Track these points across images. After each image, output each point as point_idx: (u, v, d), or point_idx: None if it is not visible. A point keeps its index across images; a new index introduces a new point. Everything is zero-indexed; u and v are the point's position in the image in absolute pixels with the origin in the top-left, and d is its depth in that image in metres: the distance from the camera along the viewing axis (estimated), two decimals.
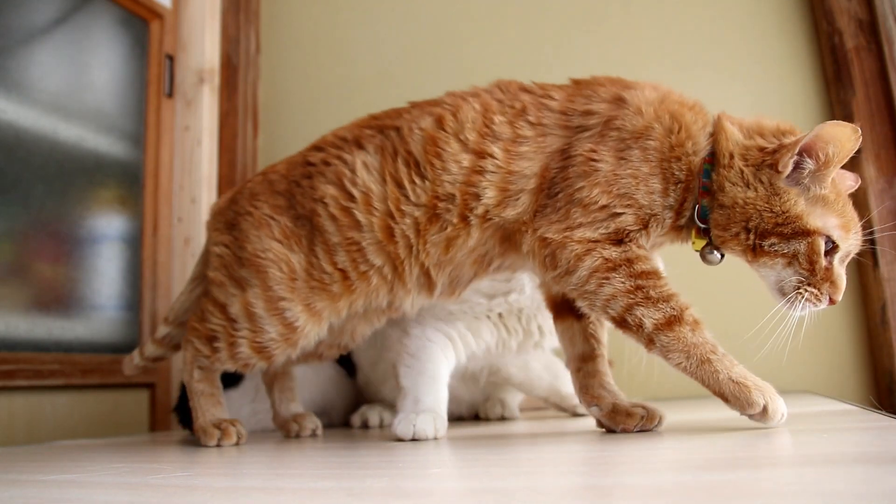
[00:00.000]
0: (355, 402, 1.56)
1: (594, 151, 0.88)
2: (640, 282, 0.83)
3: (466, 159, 0.95)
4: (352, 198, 1.01)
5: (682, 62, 1.91)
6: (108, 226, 1.82)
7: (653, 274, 0.84)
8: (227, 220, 1.14)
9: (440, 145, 0.97)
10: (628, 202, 0.86)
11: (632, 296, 0.82)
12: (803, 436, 0.76)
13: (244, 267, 1.07)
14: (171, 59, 2.03)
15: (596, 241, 0.86)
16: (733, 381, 0.78)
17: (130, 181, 1.89)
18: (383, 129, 1.04)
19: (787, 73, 1.84)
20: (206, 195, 1.99)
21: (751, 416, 0.80)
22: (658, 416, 0.90)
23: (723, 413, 1.02)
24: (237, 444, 1.07)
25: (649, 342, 0.82)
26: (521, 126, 0.94)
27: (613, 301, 0.83)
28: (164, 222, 1.95)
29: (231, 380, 1.39)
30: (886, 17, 1.70)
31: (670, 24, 1.93)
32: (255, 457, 0.95)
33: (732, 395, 0.78)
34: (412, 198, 0.97)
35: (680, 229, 0.91)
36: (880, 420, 0.87)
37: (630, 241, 0.86)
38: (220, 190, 2.08)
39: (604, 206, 0.86)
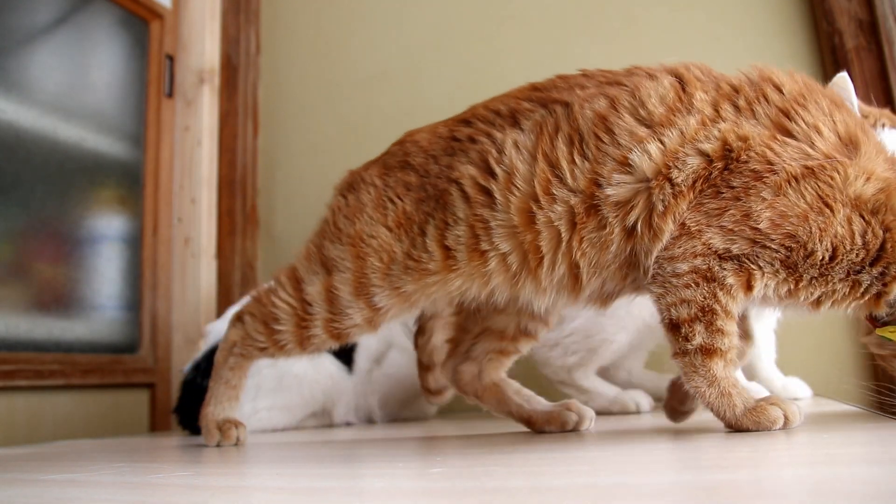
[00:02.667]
0: (356, 400, 1.55)
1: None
2: (716, 307, 0.78)
3: (643, 131, 0.84)
4: (492, 175, 0.90)
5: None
6: (108, 226, 1.82)
7: (730, 314, 0.79)
8: (350, 183, 1.05)
9: (610, 121, 0.85)
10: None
11: (701, 312, 0.78)
12: (804, 436, 0.76)
13: (342, 244, 0.97)
14: (171, 59, 2.03)
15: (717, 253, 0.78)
16: (749, 409, 0.76)
17: (130, 181, 1.89)
18: (547, 104, 0.91)
19: None
20: (206, 195, 1.99)
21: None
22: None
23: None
24: (235, 444, 1.06)
25: (683, 354, 0.79)
26: (725, 108, 0.83)
27: (684, 305, 0.79)
28: (164, 222, 1.95)
29: None
30: (886, 17, 1.70)
31: (670, 23, 1.93)
32: (256, 456, 0.95)
33: (753, 424, 0.76)
34: (568, 181, 0.85)
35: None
36: (881, 421, 0.87)
37: (750, 277, 0.78)
38: (220, 190, 2.08)
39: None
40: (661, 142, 0.81)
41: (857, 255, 0.75)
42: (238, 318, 1.05)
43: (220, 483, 0.68)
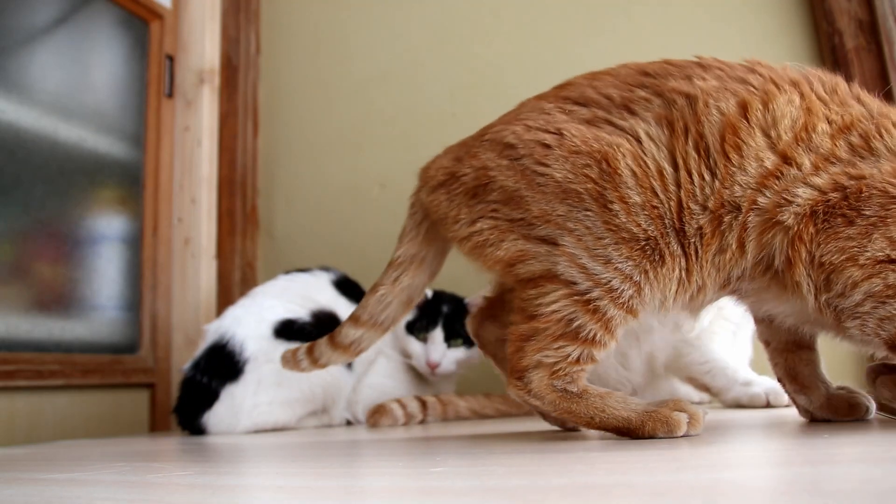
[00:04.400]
0: (355, 398, 1.55)
1: None
2: None
3: (770, 160, 0.77)
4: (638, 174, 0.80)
5: None
6: (108, 226, 1.82)
7: None
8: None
9: (741, 136, 0.78)
10: None
11: None
12: (803, 436, 0.76)
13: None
14: (171, 59, 2.03)
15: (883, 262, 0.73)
16: None
17: (130, 181, 1.90)
18: (663, 94, 0.83)
19: None
20: (206, 195, 1.99)
21: None
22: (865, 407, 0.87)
23: (722, 413, 1.02)
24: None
25: None
26: (840, 146, 0.77)
27: (886, 322, 0.74)
28: (164, 222, 1.95)
29: (231, 374, 1.39)
30: (886, 17, 1.70)
31: (670, 24, 1.93)
32: (256, 456, 0.95)
33: None
34: (699, 197, 0.79)
35: None
36: (880, 420, 0.87)
37: None
38: (220, 190, 2.08)
39: None
40: (784, 178, 0.77)
41: None
42: (522, 371, 0.84)
43: (220, 482, 0.68)
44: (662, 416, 0.77)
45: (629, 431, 0.78)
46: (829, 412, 0.88)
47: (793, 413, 1.00)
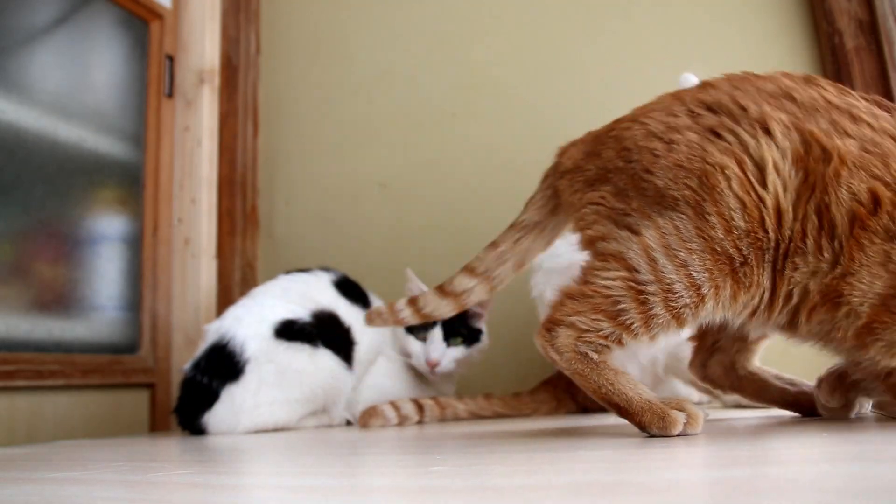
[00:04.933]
0: (355, 398, 1.54)
1: None
2: None
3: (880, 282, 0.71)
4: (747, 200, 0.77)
5: (681, 63, 1.91)
6: (108, 226, 1.82)
7: None
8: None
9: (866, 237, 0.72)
10: None
11: None
12: (803, 436, 0.76)
13: None
14: (171, 59, 2.03)
15: None
16: None
17: (130, 182, 1.90)
18: (803, 132, 0.77)
19: None
20: (206, 195, 1.99)
21: None
22: None
23: (722, 412, 1.02)
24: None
25: None
26: None
27: None
28: (164, 223, 1.95)
29: (231, 374, 1.39)
30: (886, 17, 1.70)
31: (670, 24, 1.93)
32: (256, 455, 0.95)
33: None
34: (811, 263, 0.76)
35: None
36: (879, 420, 0.87)
37: None
38: (220, 190, 2.08)
39: None
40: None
41: None
42: (555, 323, 0.86)
43: (220, 481, 0.68)
44: (661, 411, 0.78)
45: (628, 414, 0.80)
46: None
47: (791, 413, 1.00)
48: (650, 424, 0.78)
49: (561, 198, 0.97)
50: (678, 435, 0.77)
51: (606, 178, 0.88)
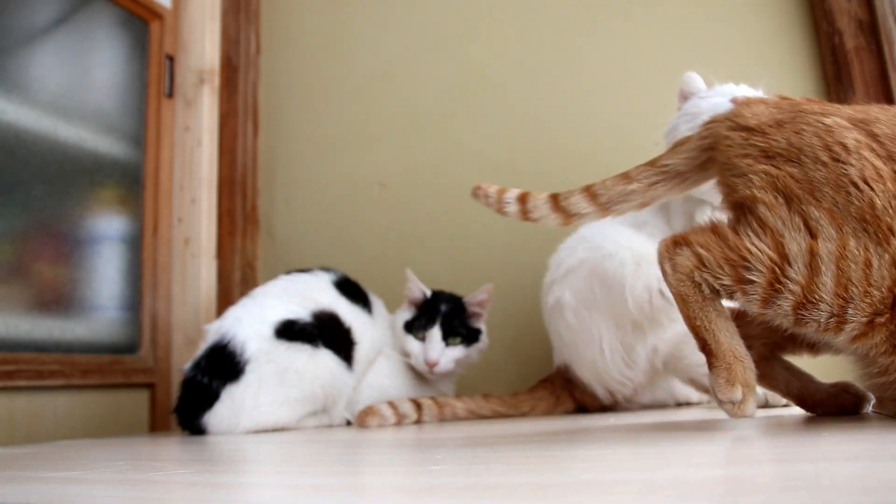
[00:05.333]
0: (355, 398, 1.54)
1: None
2: None
3: None
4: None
5: (681, 63, 1.91)
6: (108, 226, 1.82)
7: None
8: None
9: None
10: None
11: None
12: (802, 435, 0.76)
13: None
14: (171, 59, 2.04)
15: None
16: None
17: (130, 181, 1.90)
18: None
19: (787, 74, 1.84)
20: (206, 195, 1.99)
21: None
22: None
23: (723, 413, 1.02)
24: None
25: None
26: None
27: None
28: (164, 223, 1.95)
29: (232, 374, 1.39)
30: (886, 17, 1.70)
31: (670, 24, 1.93)
32: (256, 454, 0.95)
33: None
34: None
35: None
36: (878, 420, 0.87)
37: None
38: (220, 190, 2.08)
39: None
40: None
41: None
42: (682, 243, 0.85)
43: (220, 480, 0.68)
44: (737, 369, 0.77)
45: (709, 352, 0.80)
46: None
47: (791, 412, 1.00)
48: (719, 373, 0.77)
49: (717, 151, 0.87)
50: (723, 402, 0.77)
51: (798, 161, 0.78)
